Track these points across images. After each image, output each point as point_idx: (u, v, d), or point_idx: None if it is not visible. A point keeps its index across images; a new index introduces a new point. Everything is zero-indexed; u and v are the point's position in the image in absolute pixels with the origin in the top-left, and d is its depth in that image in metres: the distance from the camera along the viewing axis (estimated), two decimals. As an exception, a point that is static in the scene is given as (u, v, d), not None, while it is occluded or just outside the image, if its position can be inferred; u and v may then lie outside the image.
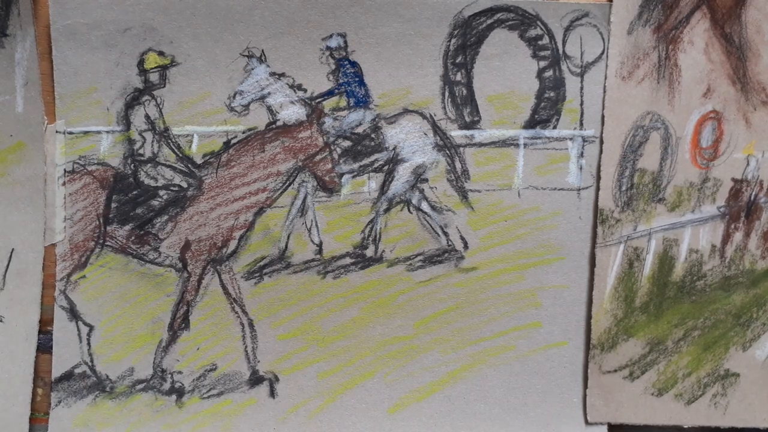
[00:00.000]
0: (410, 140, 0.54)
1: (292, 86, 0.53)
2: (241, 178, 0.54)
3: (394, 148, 0.54)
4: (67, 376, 0.53)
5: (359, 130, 0.54)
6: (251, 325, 0.55)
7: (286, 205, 0.54)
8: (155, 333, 0.55)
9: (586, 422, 0.56)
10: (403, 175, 0.54)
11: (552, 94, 0.54)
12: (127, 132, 0.53)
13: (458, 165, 0.54)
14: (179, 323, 0.55)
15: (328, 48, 0.53)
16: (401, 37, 0.53)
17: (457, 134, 0.54)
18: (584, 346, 0.56)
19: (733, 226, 0.56)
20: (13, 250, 0.52)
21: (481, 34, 0.53)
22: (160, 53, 0.52)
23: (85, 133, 0.53)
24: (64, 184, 0.52)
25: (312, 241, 0.54)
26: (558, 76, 0.54)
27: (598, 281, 0.55)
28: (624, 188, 0.55)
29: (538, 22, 0.53)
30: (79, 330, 0.53)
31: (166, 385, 0.55)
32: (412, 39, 0.53)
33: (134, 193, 0.54)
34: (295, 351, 0.55)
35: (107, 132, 0.53)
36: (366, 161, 0.54)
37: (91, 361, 0.54)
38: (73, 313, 0.53)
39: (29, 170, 0.52)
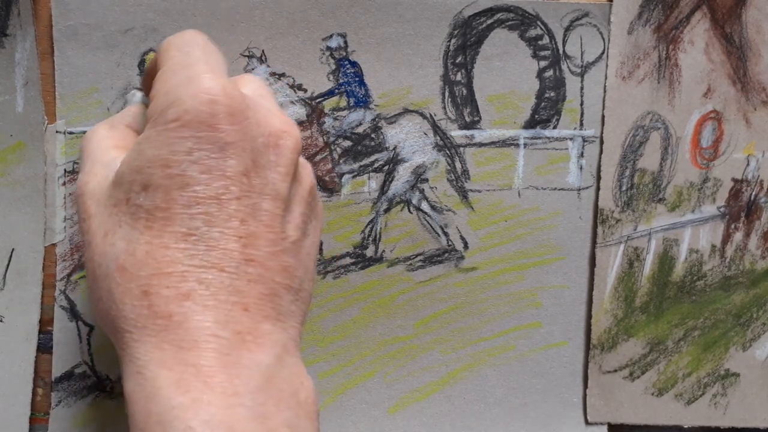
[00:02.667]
0: (410, 140, 0.54)
1: (292, 86, 0.53)
2: (241, 178, 0.54)
3: (394, 148, 0.54)
4: (67, 376, 0.53)
5: (359, 130, 0.54)
6: (251, 325, 0.55)
7: (287, 205, 0.54)
8: (155, 333, 0.54)
9: (586, 422, 0.56)
10: (403, 175, 0.55)
11: (552, 94, 0.54)
12: (128, 132, 0.53)
13: (458, 165, 0.54)
14: (179, 323, 0.55)
15: (328, 48, 0.53)
16: (401, 37, 0.53)
17: (457, 134, 0.54)
18: (584, 346, 0.56)
19: (733, 226, 0.56)
20: (13, 250, 0.52)
21: (481, 34, 0.53)
22: (161, 53, 0.52)
23: (86, 133, 0.53)
24: (64, 184, 0.52)
25: (312, 241, 0.54)
26: (558, 76, 0.54)
27: (598, 281, 0.55)
28: (624, 188, 0.55)
29: (538, 22, 0.53)
30: (79, 330, 0.53)
31: (167, 385, 0.55)
32: (412, 39, 0.53)
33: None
34: (296, 351, 0.55)
35: (107, 132, 0.53)
36: (366, 161, 0.54)
37: (91, 361, 0.54)
38: (73, 313, 0.53)
39: (29, 170, 0.52)
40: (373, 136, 0.54)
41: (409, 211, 0.55)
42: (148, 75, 0.42)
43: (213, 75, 0.34)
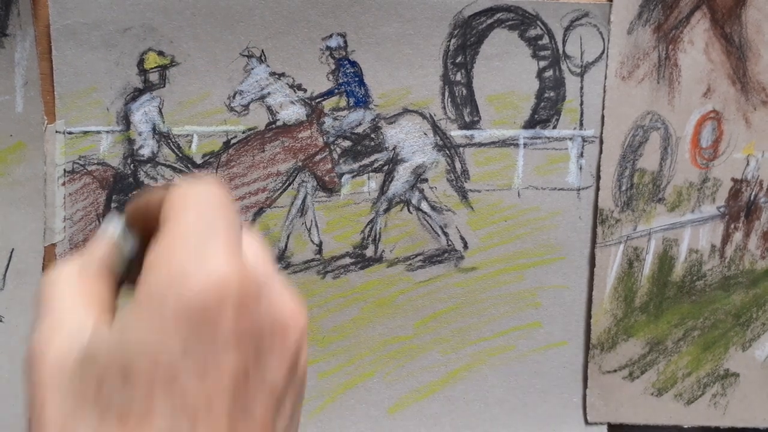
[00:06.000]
0: (410, 140, 0.54)
1: (292, 86, 0.53)
2: (240, 178, 0.54)
3: (393, 148, 0.54)
4: (67, 376, 0.53)
5: (359, 130, 0.54)
6: (251, 325, 0.55)
7: (286, 205, 0.54)
8: (155, 333, 0.54)
9: (586, 422, 0.56)
10: (403, 175, 0.55)
11: (552, 94, 0.54)
12: (127, 132, 0.53)
13: (458, 165, 0.54)
14: (179, 323, 0.55)
15: (328, 48, 0.53)
16: (401, 37, 0.53)
17: (457, 134, 0.54)
18: (584, 346, 0.56)
19: (732, 226, 0.56)
20: (13, 250, 0.52)
21: (481, 34, 0.53)
22: (160, 53, 0.52)
23: (85, 133, 0.53)
24: (63, 184, 0.52)
25: (312, 241, 0.54)
26: (558, 76, 0.54)
27: (598, 281, 0.55)
28: (624, 188, 0.55)
29: (538, 22, 0.53)
30: (79, 330, 0.53)
31: (166, 385, 0.55)
32: (412, 39, 0.53)
33: (134, 193, 0.54)
34: (295, 351, 0.55)
35: (107, 132, 0.53)
36: (366, 161, 0.54)
37: (91, 361, 0.54)
38: (73, 313, 0.53)
39: (29, 170, 0.52)
40: (372, 136, 0.54)
41: (409, 211, 0.55)
42: (137, 208, 0.33)
43: (229, 257, 0.28)
